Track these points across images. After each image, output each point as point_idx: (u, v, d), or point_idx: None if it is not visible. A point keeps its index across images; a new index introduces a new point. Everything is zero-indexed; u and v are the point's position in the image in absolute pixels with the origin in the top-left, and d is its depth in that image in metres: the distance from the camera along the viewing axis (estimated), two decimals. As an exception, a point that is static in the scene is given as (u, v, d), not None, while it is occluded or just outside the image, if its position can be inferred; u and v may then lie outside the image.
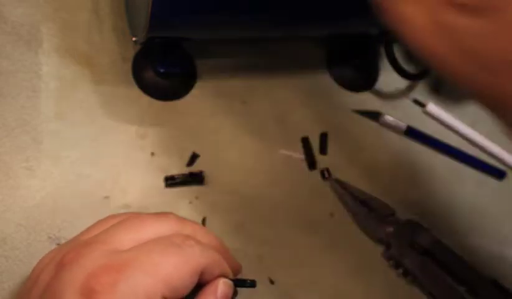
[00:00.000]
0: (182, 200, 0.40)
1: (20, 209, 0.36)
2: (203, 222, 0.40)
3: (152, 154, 0.40)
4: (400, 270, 0.41)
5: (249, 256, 0.39)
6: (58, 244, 0.36)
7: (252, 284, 0.32)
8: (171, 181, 0.40)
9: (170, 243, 0.27)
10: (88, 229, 0.30)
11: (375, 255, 0.42)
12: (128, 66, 0.42)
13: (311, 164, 0.44)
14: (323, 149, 0.45)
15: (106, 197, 0.38)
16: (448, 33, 0.20)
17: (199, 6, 0.35)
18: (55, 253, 0.29)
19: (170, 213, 0.31)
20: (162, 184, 0.40)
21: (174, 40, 0.40)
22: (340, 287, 0.41)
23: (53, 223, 0.36)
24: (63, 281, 0.26)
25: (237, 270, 0.34)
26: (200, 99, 0.43)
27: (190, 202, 0.40)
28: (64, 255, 0.27)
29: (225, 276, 0.30)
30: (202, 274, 0.28)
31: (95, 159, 0.39)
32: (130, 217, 0.30)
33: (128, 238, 0.28)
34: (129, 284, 0.25)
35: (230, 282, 0.30)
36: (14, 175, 0.36)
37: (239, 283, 0.31)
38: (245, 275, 0.38)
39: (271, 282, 0.39)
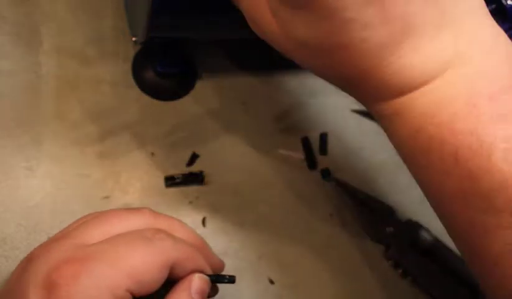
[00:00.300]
0: (182, 200, 0.40)
1: (20, 209, 0.36)
2: (204, 222, 0.40)
3: (152, 154, 0.40)
4: (400, 270, 0.41)
5: (249, 256, 0.39)
6: (58, 244, 0.36)
7: (231, 279, 0.30)
8: (171, 181, 0.40)
9: (139, 237, 0.27)
10: (66, 227, 0.30)
11: (375, 255, 0.42)
12: (128, 66, 0.42)
13: (311, 164, 0.44)
14: (323, 149, 0.45)
15: (106, 197, 0.38)
16: (280, 22, 0.24)
17: (199, 6, 0.35)
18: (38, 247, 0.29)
19: (145, 208, 0.31)
20: (162, 184, 0.40)
21: (174, 40, 0.40)
22: (340, 287, 0.41)
23: (53, 223, 0.36)
24: (27, 275, 0.25)
25: (218, 266, 0.33)
26: (200, 99, 0.43)
27: (190, 202, 0.40)
28: (33, 251, 0.27)
29: (201, 271, 0.29)
30: (173, 269, 0.27)
31: (95, 159, 0.39)
32: (104, 212, 0.29)
33: (97, 232, 0.27)
34: (91, 277, 0.24)
35: (206, 277, 0.29)
36: (14, 175, 0.36)
37: (217, 278, 0.30)
38: (245, 274, 0.38)
39: (271, 282, 0.39)
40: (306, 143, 0.45)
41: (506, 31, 0.46)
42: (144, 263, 0.26)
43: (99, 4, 0.42)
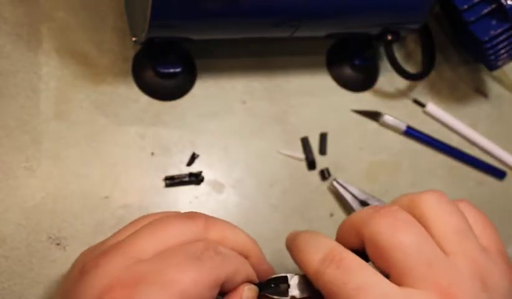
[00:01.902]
0: (182, 200, 0.40)
1: (20, 209, 0.36)
2: (203, 222, 0.40)
3: (152, 154, 0.40)
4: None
5: (249, 256, 0.39)
6: (58, 244, 0.36)
7: (277, 289, 0.31)
8: (171, 181, 0.40)
9: (189, 255, 0.27)
10: (121, 230, 0.30)
11: (375, 255, 0.42)
12: (128, 66, 0.42)
13: (311, 164, 0.44)
14: (323, 149, 0.45)
15: (106, 197, 0.38)
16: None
17: (198, 7, 0.35)
18: (91, 250, 0.29)
19: (199, 214, 0.30)
20: (162, 184, 0.40)
21: (174, 40, 0.40)
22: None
23: (53, 223, 0.36)
24: (79, 292, 0.26)
25: (267, 272, 0.33)
26: (200, 99, 0.43)
27: (190, 202, 0.40)
28: (86, 263, 0.27)
29: (250, 281, 0.30)
30: (223, 285, 0.27)
31: (95, 159, 0.39)
32: (158, 221, 0.29)
33: (149, 245, 0.27)
34: None
35: (255, 287, 0.30)
36: (14, 175, 0.36)
37: (264, 287, 0.31)
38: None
39: (271, 282, 0.39)
40: (306, 143, 0.45)
41: (506, 31, 0.47)
42: (195, 285, 0.26)
43: (100, 4, 0.42)
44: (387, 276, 0.27)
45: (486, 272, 0.27)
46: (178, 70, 0.42)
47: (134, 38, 0.39)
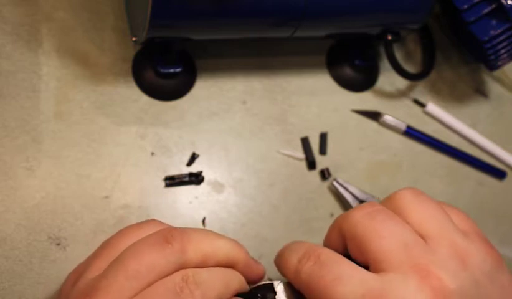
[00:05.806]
0: (182, 200, 0.40)
1: (20, 209, 0.36)
2: (203, 222, 0.40)
3: (152, 154, 0.40)
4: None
5: (249, 256, 0.39)
6: (58, 244, 0.36)
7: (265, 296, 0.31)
8: (171, 181, 0.40)
9: (168, 295, 0.26)
10: (99, 253, 0.29)
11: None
12: (128, 66, 0.42)
13: (311, 164, 0.44)
14: (323, 149, 0.45)
15: (106, 197, 0.38)
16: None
17: (198, 7, 0.35)
18: (72, 282, 0.29)
19: (175, 235, 0.28)
20: (162, 184, 0.40)
21: (174, 40, 0.40)
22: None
23: (53, 223, 0.36)
24: None
25: (258, 276, 0.32)
26: (199, 99, 0.43)
27: (190, 202, 0.40)
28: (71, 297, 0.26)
29: (238, 292, 0.29)
30: None
31: (95, 159, 0.39)
32: (129, 251, 0.28)
33: (129, 285, 0.26)
34: None
35: None
36: (14, 175, 0.36)
37: (251, 296, 0.30)
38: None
39: (271, 282, 0.39)
40: (306, 143, 0.45)
41: (506, 31, 0.47)
42: None
43: (100, 4, 0.42)
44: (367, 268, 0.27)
45: (465, 252, 0.27)
46: (178, 70, 0.42)
47: (134, 38, 0.39)
